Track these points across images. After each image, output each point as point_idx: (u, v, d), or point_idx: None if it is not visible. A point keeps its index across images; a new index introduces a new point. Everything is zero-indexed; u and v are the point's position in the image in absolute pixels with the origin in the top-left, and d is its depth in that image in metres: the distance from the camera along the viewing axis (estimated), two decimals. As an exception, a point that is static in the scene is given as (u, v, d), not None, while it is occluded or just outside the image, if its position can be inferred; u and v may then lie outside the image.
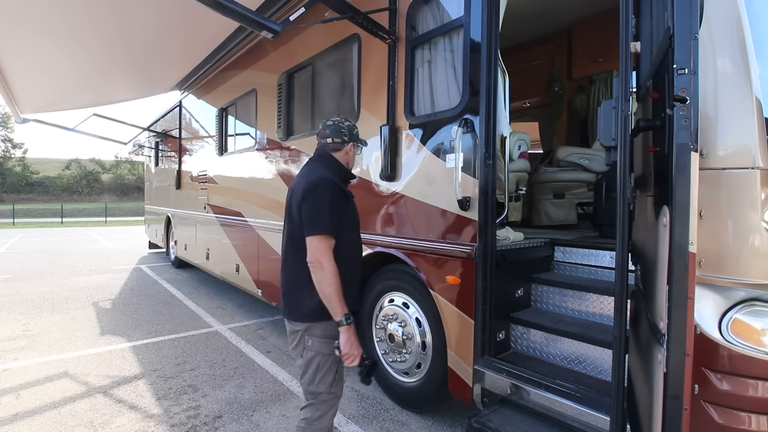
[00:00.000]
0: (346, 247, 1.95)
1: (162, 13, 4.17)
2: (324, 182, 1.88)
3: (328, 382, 1.94)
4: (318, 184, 1.87)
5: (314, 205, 1.84)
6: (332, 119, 2.10)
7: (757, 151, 1.55)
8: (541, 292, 2.89)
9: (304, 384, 1.97)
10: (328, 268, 1.80)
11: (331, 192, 1.87)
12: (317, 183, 1.87)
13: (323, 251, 1.81)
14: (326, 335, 1.92)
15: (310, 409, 1.96)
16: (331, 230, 1.83)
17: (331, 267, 1.80)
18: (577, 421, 2.06)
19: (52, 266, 9.48)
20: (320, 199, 1.85)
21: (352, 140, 2.07)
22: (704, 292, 1.62)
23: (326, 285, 1.80)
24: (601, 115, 1.71)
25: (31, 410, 3.05)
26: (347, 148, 2.06)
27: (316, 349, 1.93)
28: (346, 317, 1.83)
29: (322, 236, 1.82)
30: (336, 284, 1.80)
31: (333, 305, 1.81)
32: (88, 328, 4.96)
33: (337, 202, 1.88)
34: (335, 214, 1.86)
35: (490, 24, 2.53)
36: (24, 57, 5.02)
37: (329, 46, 3.87)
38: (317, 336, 1.92)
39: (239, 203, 5.55)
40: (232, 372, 3.73)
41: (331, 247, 1.84)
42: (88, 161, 54.69)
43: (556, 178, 4.18)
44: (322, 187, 1.86)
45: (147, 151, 11.09)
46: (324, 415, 1.96)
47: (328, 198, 1.85)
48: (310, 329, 1.93)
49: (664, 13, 1.49)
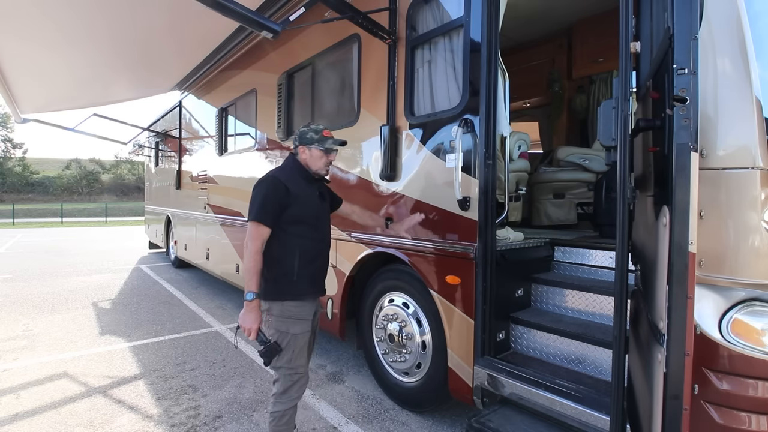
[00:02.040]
0: (297, 237, 2.21)
1: (162, 13, 4.17)
2: (265, 178, 2.21)
3: (285, 358, 2.18)
4: (260, 181, 2.20)
5: (253, 197, 2.17)
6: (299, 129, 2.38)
7: (757, 151, 1.55)
8: (541, 292, 2.89)
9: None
10: (251, 248, 2.09)
11: (266, 186, 2.16)
12: (260, 180, 2.21)
13: (252, 235, 2.11)
14: (282, 315, 2.18)
15: (276, 385, 2.24)
16: (259, 218, 2.11)
17: (252, 248, 2.09)
18: (577, 421, 2.06)
19: (52, 266, 9.48)
20: (257, 193, 2.17)
21: (302, 144, 2.32)
22: (704, 292, 1.62)
23: (246, 261, 2.10)
24: (601, 115, 1.72)
25: (31, 410, 3.05)
26: (299, 150, 2.33)
27: (275, 327, 2.18)
28: (250, 294, 2.07)
29: (251, 222, 2.12)
30: (254, 263, 2.08)
31: (246, 280, 2.09)
32: (88, 328, 4.96)
33: (272, 195, 2.14)
34: (268, 205, 2.13)
35: (490, 24, 2.53)
36: (24, 57, 5.02)
37: (329, 46, 3.87)
38: (275, 315, 2.19)
39: (239, 203, 5.55)
40: (232, 372, 3.73)
41: (260, 233, 2.12)
42: (88, 161, 54.66)
43: (556, 178, 4.19)
44: (262, 183, 2.19)
45: (147, 151, 11.08)
46: (287, 390, 2.21)
47: (262, 191, 2.15)
48: (270, 309, 2.19)
49: (664, 13, 1.49)
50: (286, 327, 2.18)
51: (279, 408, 2.20)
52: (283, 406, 2.20)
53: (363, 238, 3.38)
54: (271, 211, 2.12)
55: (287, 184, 2.17)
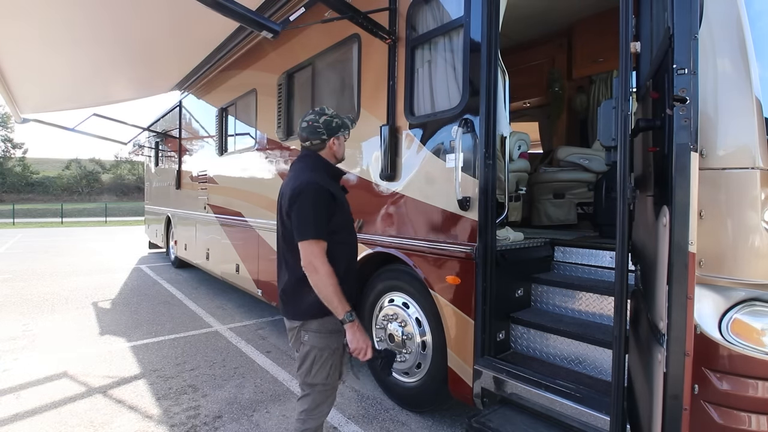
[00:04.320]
0: (340, 244, 1.96)
1: (162, 13, 4.17)
2: (308, 187, 1.88)
3: (323, 374, 1.98)
4: (303, 190, 1.87)
5: (301, 212, 1.86)
6: (306, 119, 2.04)
7: (757, 151, 1.55)
8: (541, 292, 2.89)
9: (301, 376, 2.01)
10: (323, 271, 1.82)
11: (314, 196, 1.86)
12: (302, 189, 1.87)
13: (316, 254, 1.83)
14: (322, 330, 1.95)
15: (306, 400, 2.01)
16: (320, 234, 1.85)
17: (325, 269, 1.82)
18: (577, 421, 2.06)
19: (52, 266, 9.47)
20: (305, 205, 1.85)
21: (332, 135, 2.01)
22: (704, 292, 1.62)
23: (323, 287, 1.82)
24: (601, 115, 1.71)
25: (31, 410, 3.05)
26: (330, 143, 2.02)
27: (311, 344, 1.96)
28: (348, 315, 1.84)
29: (312, 241, 1.83)
30: (333, 285, 1.82)
31: (334, 305, 1.83)
32: (88, 328, 4.96)
33: (323, 205, 1.87)
34: (322, 217, 1.86)
35: (490, 24, 2.53)
36: (24, 57, 5.02)
37: (329, 46, 3.87)
38: (313, 331, 1.95)
39: (239, 203, 5.55)
40: (232, 372, 3.73)
41: (323, 250, 1.85)
42: (88, 161, 54.63)
43: (556, 178, 4.19)
44: (307, 193, 1.86)
45: (147, 151, 11.08)
46: (320, 405, 2.01)
47: (312, 203, 1.85)
48: (305, 325, 1.97)
49: (664, 13, 1.49)
50: (326, 342, 1.95)
51: (311, 425, 2.00)
52: (315, 422, 2.00)
53: (363, 238, 3.38)
54: (325, 223, 1.87)
55: (330, 188, 1.93)
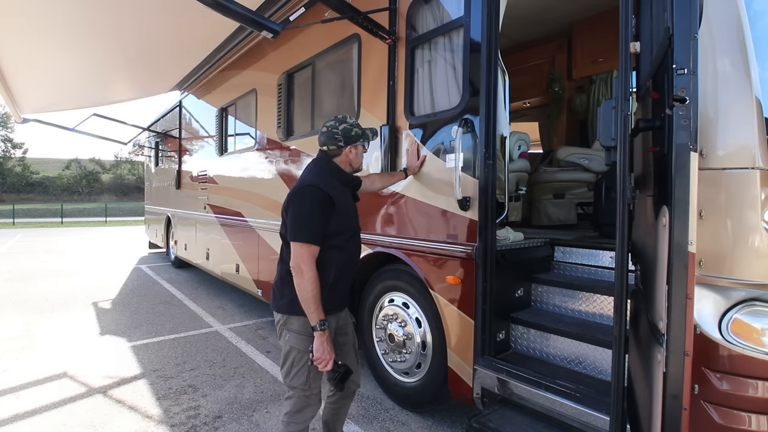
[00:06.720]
0: (335, 249, 1.97)
1: (162, 13, 4.17)
2: (307, 190, 1.91)
3: (302, 378, 1.97)
4: (302, 192, 1.91)
5: (296, 213, 1.89)
6: (326, 124, 2.08)
7: (756, 151, 1.55)
8: (541, 292, 2.89)
9: (282, 375, 2.04)
10: (308, 275, 1.84)
11: (311, 200, 1.88)
12: (301, 190, 1.92)
13: (304, 258, 1.85)
14: (303, 332, 1.96)
15: (289, 402, 2.03)
16: (311, 238, 1.87)
17: (310, 274, 1.85)
18: (577, 421, 2.06)
19: (52, 266, 9.47)
20: (302, 207, 1.89)
21: (349, 143, 2.05)
22: (704, 292, 1.62)
23: (303, 290, 1.85)
24: (601, 115, 1.72)
25: (31, 410, 3.05)
26: (346, 151, 2.06)
27: (292, 344, 1.98)
28: (321, 323, 1.86)
29: (303, 243, 1.86)
30: (313, 291, 1.85)
31: (310, 311, 1.86)
32: (88, 328, 4.96)
33: (319, 209, 1.88)
34: (317, 221, 1.88)
35: (490, 24, 2.53)
36: (24, 57, 5.02)
37: (329, 46, 3.87)
38: (294, 331, 1.97)
39: (239, 203, 5.55)
40: (232, 372, 3.73)
41: (313, 254, 1.88)
42: (88, 161, 54.67)
43: (556, 178, 4.18)
44: (305, 195, 1.90)
45: (147, 151, 11.08)
46: (302, 410, 2.01)
47: (308, 206, 1.88)
48: (287, 323, 1.99)
49: (664, 13, 1.49)
50: (306, 345, 1.94)
51: (293, 429, 2.01)
52: (297, 427, 2.01)
53: (363, 239, 3.37)
54: (320, 228, 1.88)
55: (330, 192, 1.92)
